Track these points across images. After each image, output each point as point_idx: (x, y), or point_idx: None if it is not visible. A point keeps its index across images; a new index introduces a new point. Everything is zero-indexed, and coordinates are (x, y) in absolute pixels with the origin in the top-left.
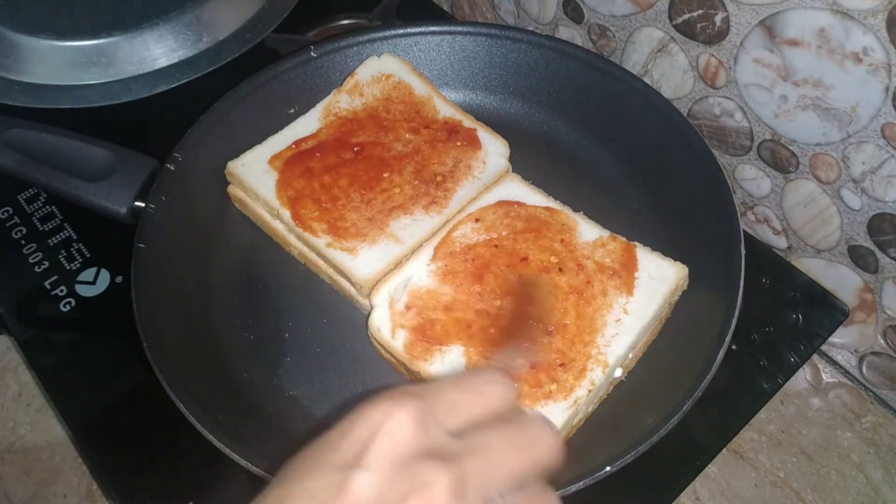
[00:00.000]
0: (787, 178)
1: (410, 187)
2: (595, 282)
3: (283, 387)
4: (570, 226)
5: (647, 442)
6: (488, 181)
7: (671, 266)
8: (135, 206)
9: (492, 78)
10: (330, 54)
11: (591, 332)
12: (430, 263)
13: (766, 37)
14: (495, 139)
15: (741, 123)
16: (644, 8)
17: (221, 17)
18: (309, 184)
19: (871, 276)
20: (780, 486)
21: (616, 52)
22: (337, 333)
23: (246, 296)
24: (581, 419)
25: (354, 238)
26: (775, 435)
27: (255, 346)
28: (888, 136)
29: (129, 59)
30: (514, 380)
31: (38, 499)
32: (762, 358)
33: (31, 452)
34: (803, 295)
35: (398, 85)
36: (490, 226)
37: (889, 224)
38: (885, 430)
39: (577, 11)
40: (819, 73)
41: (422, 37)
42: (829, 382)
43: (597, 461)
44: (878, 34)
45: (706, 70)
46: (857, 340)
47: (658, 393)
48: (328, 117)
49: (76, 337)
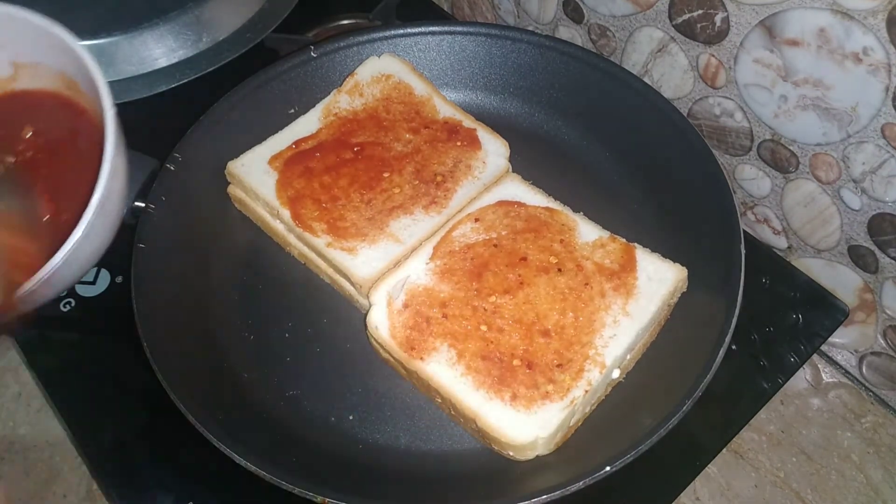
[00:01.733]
0: (787, 178)
1: (410, 187)
2: (594, 282)
3: (283, 387)
4: (569, 226)
5: (647, 442)
6: (488, 181)
7: (670, 268)
8: (135, 206)
9: (492, 78)
10: (330, 54)
11: (588, 333)
12: (429, 262)
13: (766, 37)
14: (495, 139)
15: (741, 123)
16: (644, 8)
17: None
18: (309, 184)
19: (871, 276)
20: (780, 486)
21: (616, 52)
22: (337, 333)
23: (246, 296)
24: (579, 420)
25: (354, 238)
26: (775, 435)
27: (255, 346)
28: (888, 136)
29: (129, 59)
30: None
31: (38, 499)
32: (762, 358)
33: (31, 452)
34: (803, 295)
35: (398, 85)
36: (490, 225)
37: (889, 224)
38: (885, 430)
39: (577, 11)
40: (819, 73)
41: (422, 37)
42: (829, 382)
43: (597, 461)
44: (878, 34)
45: (706, 70)
46: (857, 340)
47: (657, 393)
48: (328, 117)
49: (76, 337)
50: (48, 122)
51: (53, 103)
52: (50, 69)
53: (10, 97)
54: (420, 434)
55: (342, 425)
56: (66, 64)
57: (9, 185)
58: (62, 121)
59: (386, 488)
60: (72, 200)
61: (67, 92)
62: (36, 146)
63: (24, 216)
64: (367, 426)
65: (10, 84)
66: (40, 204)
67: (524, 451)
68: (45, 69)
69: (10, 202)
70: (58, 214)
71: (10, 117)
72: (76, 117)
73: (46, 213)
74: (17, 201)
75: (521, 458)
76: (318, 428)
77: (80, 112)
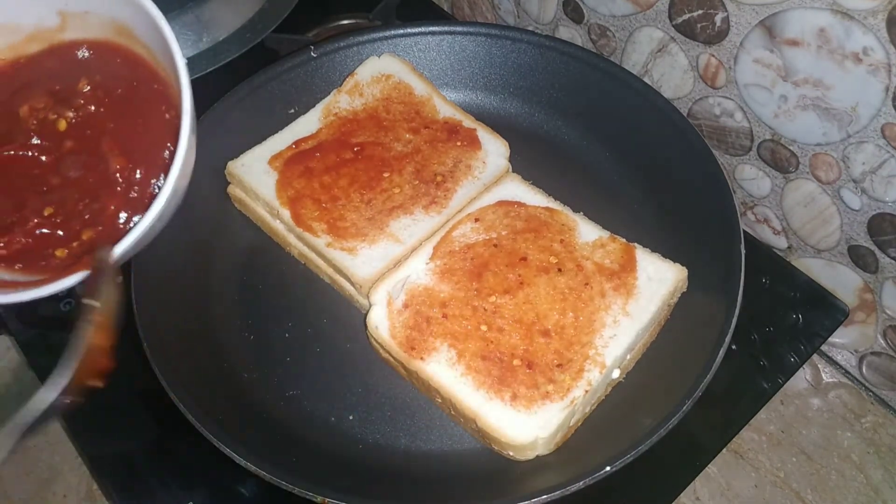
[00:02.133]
0: (787, 178)
1: (410, 187)
2: (594, 283)
3: (283, 387)
4: (569, 226)
5: (647, 442)
6: (488, 181)
7: (670, 268)
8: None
9: (492, 78)
10: (330, 54)
11: (588, 333)
12: (429, 262)
13: (766, 37)
14: (495, 139)
15: (741, 123)
16: (644, 8)
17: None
18: (309, 184)
19: (871, 276)
20: (780, 486)
21: (616, 52)
22: (337, 333)
23: (246, 296)
24: (579, 420)
25: (354, 238)
26: (775, 435)
27: (255, 346)
28: (888, 136)
29: None
30: None
31: (38, 499)
32: (762, 358)
33: (31, 452)
34: (803, 295)
35: (398, 85)
36: (490, 225)
37: (889, 224)
38: (885, 430)
39: (577, 11)
40: (819, 73)
41: (422, 37)
42: (829, 382)
43: (597, 461)
44: (878, 34)
45: (706, 70)
46: (857, 340)
47: (657, 394)
48: (328, 117)
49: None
50: (104, 73)
51: (107, 52)
52: (100, 17)
53: (61, 48)
54: (420, 434)
55: (342, 425)
56: (118, 10)
57: (72, 143)
58: (118, 71)
59: (386, 488)
60: (143, 153)
61: (120, 39)
62: (95, 99)
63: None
64: (367, 426)
65: (59, 34)
66: (110, 160)
67: (524, 451)
68: (95, 17)
69: (77, 162)
70: (130, 169)
71: (64, 70)
72: (132, 66)
73: (117, 168)
74: (84, 159)
75: (521, 458)
76: (318, 428)
77: (136, 60)
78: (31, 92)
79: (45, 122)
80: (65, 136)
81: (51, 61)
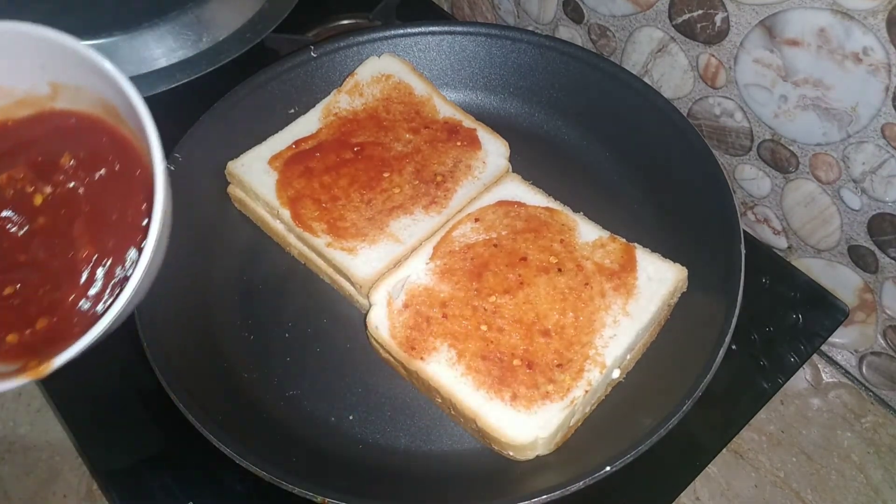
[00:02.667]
0: (787, 178)
1: (410, 187)
2: (594, 283)
3: (283, 387)
4: (569, 226)
5: (647, 442)
6: (488, 181)
7: (670, 268)
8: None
9: (492, 78)
10: (330, 54)
11: (588, 333)
12: (429, 262)
13: (766, 37)
14: (495, 139)
15: (741, 123)
16: (644, 8)
17: (221, 17)
18: (309, 184)
19: (871, 276)
20: (780, 486)
21: (616, 52)
22: (337, 333)
23: (246, 296)
24: (579, 420)
25: (354, 238)
26: (775, 435)
27: (255, 346)
28: (888, 136)
29: (129, 59)
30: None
31: (38, 499)
32: (762, 358)
33: (31, 452)
34: (803, 295)
35: (398, 85)
36: (490, 225)
37: (889, 224)
38: (885, 430)
39: (577, 11)
40: (819, 73)
41: (422, 37)
42: (829, 382)
43: (597, 461)
44: (878, 34)
45: (706, 70)
46: (857, 340)
47: (657, 394)
48: (328, 117)
49: None
50: (89, 149)
51: (95, 128)
52: (89, 93)
53: (52, 116)
54: (420, 434)
55: (342, 425)
56: (103, 88)
57: (45, 219)
58: (104, 150)
59: (386, 488)
60: (114, 244)
61: (108, 118)
62: (76, 177)
63: (60, 258)
64: (367, 426)
65: (51, 102)
66: (79, 247)
67: (524, 451)
68: (86, 92)
69: (46, 242)
70: (96, 260)
71: (50, 139)
72: (118, 147)
73: (83, 257)
74: (54, 241)
75: (521, 458)
76: (318, 428)
77: (122, 142)
78: (12, 160)
79: (21, 194)
80: (39, 212)
81: (39, 128)
